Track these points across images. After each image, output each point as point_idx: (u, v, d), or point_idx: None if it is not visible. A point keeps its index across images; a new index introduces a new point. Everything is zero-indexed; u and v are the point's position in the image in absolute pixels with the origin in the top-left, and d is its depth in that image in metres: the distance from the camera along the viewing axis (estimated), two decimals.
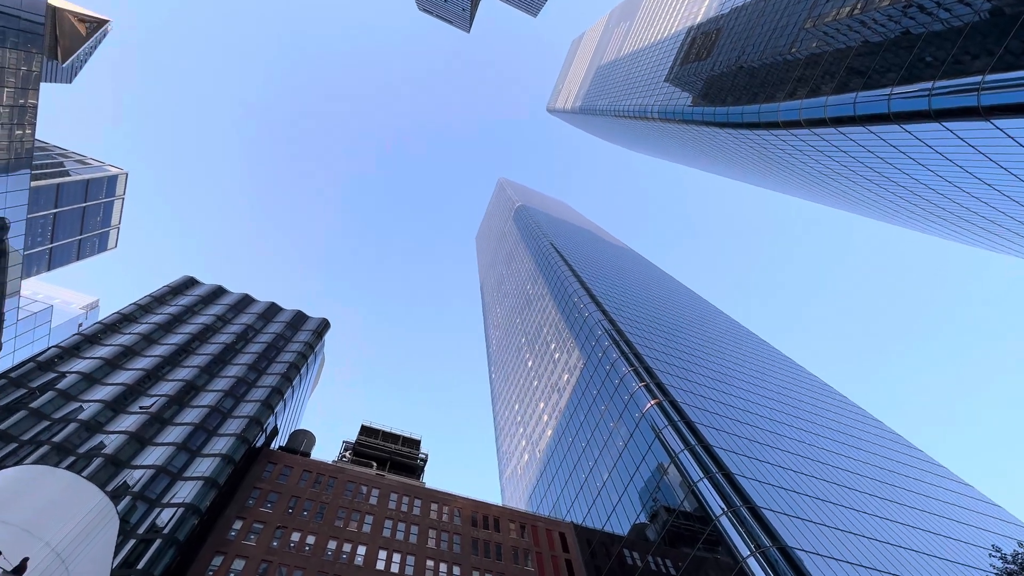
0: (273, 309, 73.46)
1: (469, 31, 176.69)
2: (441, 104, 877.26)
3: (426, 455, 71.20)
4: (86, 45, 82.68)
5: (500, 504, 58.73)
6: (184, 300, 66.44)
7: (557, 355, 78.96)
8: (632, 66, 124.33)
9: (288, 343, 66.75)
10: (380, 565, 43.90)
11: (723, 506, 35.75)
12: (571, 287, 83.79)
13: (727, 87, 69.47)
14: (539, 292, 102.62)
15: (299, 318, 73.27)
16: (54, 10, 76.56)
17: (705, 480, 38.49)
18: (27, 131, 50.76)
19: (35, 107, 50.58)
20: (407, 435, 73.14)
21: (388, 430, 72.43)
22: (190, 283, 71.72)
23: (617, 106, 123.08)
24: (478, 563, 47.30)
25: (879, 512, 43.79)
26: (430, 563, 45.78)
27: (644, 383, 52.47)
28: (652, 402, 49.15)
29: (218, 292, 72.42)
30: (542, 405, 78.44)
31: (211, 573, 37.97)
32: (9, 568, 18.80)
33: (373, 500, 50.47)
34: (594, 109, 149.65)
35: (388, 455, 68.52)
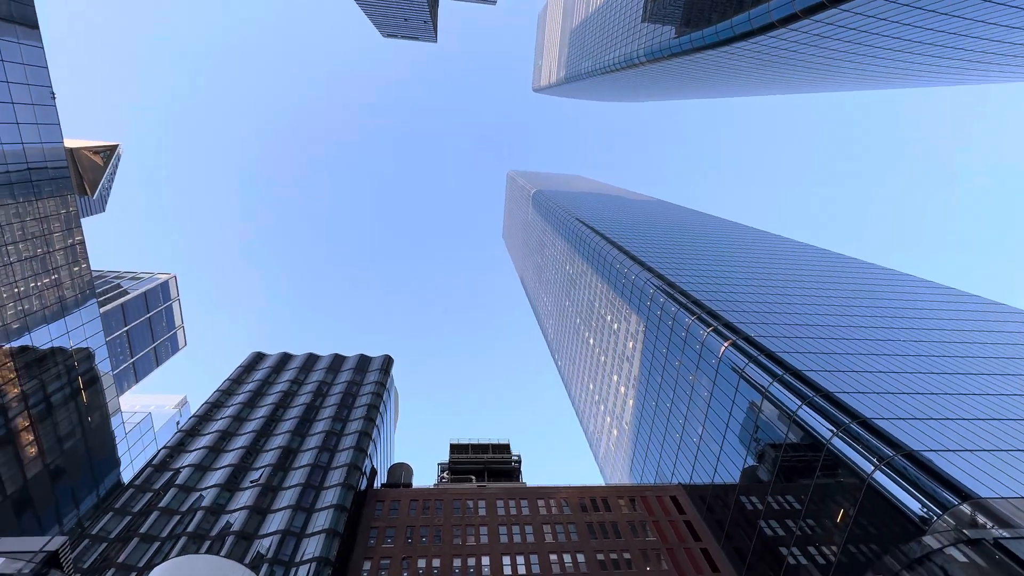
0: (338, 360, 76.54)
1: (436, 40, 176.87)
2: (429, 118, 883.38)
3: (519, 456, 72.22)
4: (106, 173, 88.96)
5: (603, 484, 58.72)
6: (258, 375, 70.39)
7: (616, 325, 77.99)
8: (605, 19, 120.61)
9: (360, 387, 69.39)
10: (507, 571, 44.94)
11: (831, 427, 34.20)
12: (609, 254, 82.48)
13: (708, 6, 66.11)
14: (579, 269, 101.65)
15: (363, 361, 75.97)
16: (70, 151, 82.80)
17: (804, 406, 36.96)
18: (83, 265, 55.29)
19: (82, 242, 54.97)
20: (495, 442, 74.45)
21: (476, 442, 74.01)
22: (258, 358, 75.86)
23: (602, 63, 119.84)
24: (599, 546, 47.54)
25: (992, 389, 40.58)
26: (553, 557, 46.44)
27: (712, 327, 50.95)
28: (725, 344, 47.67)
29: (284, 359, 76.22)
30: (615, 378, 77.74)
31: None
32: None
33: (482, 511, 51.72)
34: (580, 74, 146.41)
35: (482, 465, 70.04)
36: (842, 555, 32.08)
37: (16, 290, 46.86)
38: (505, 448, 74.42)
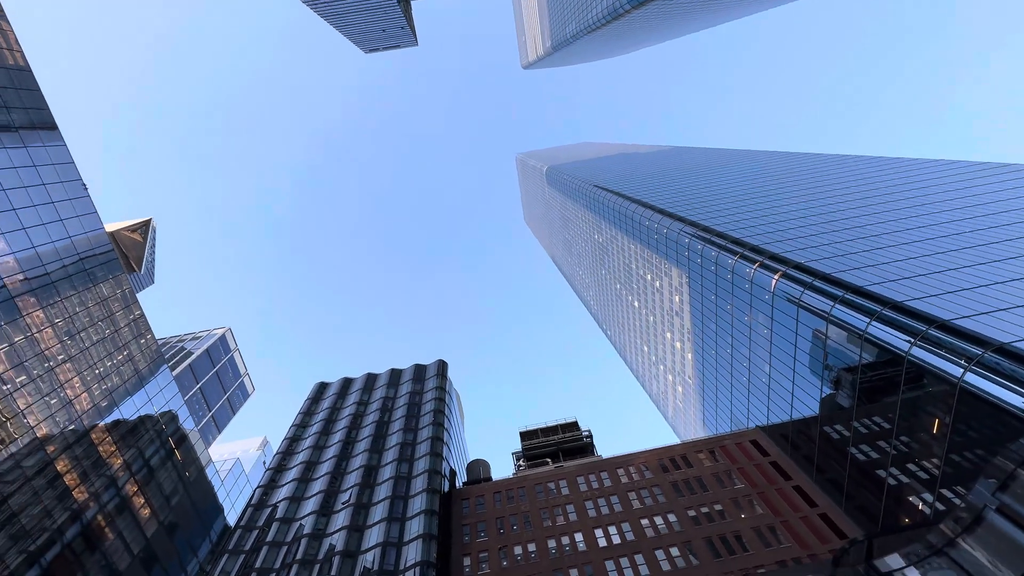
0: (395, 374, 78.80)
1: (417, 43, 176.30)
2: (427, 120, 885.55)
3: (589, 431, 72.50)
4: (147, 247, 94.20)
5: (679, 442, 58.23)
6: (325, 403, 73.47)
7: (657, 283, 76.51)
8: None
9: (422, 395, 71.28)
10: (603, 542, 45.46)
11: (907, 338, 32.45)
12: (635, 213, 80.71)
13: None
14: (608, 235, 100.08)
15: (419, 370, 77.88)
16: (111, 234, 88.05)
17: (873, 323, 35.21)
18: (148, 337, 58.98)
19: (142, 315, 58.58)
20: (562, 422, 74.98)
21: (544, 426, 74.77)
22: (322, 387, 79.10)
23: (587, 22, 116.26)
24: (688, 503, 47.28)
25: None
26: (644, 522, 46.57)
27: (757, 263, 49.17)
28: (776, 277, 45.92)
29: (346, 383, 79.12)
30: (669, 335, 76.49)
31: None
32: None
33: (564, 491, 52.37)
34: (566, 38, 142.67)
35: (555, 447, 70.75)
36: (946, 466, 30.61)
37: (97, 371, 50.60)
38: (573, 426, 74.84)
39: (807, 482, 46.04)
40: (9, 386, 40.89)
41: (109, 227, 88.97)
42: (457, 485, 60.82)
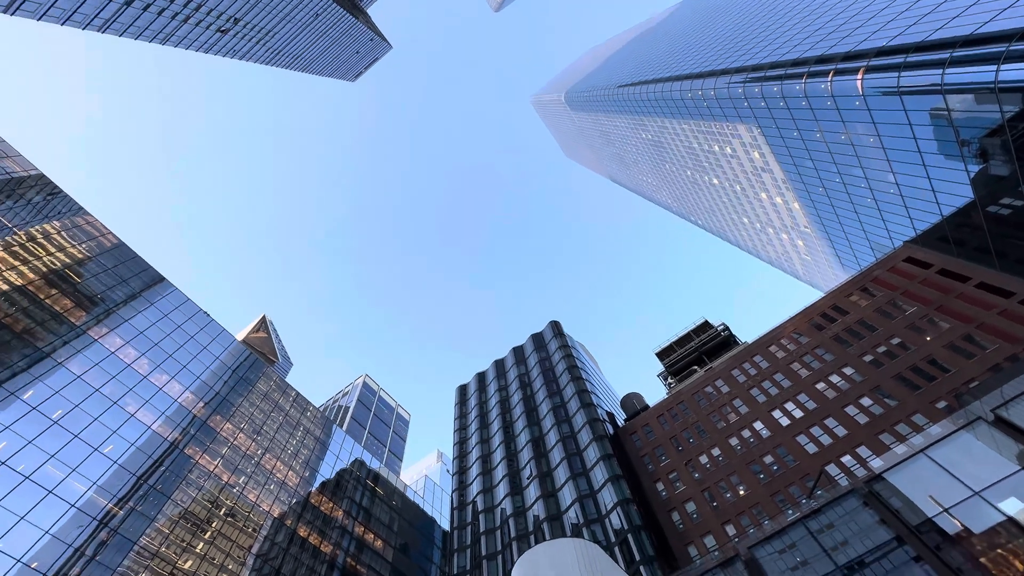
0: (518, 351, 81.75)
1: (392, 46, 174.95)
2: (432, 105, 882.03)
3: (724, 325, 69.79)
4: (273, 339, 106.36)
5: (824, 295, 53.81)
6: (472, 401, 78.61)
7: (729, 149, 70.11)
8: None
9: (550, 359, 73.31)
10: (785, 421, 43.96)
11: None
12: (672, 90, 74.09)
13: None
14: (655, 128, 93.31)
15: (537, 338, 79.98)
16: (243, 341, 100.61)
17: (1001, 66, 29.12)
18: (311, 409, 67.07)
19: (298, 394, 66.49)
20: (692, 327, 72.94)
21: (676, 338, 73.32)
22: (463, 389, 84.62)
23: None
24: (859, 349, 43.76)
25: None
26: (820, 386, 44.10)
27: (830, 72, 42.87)
28: (858, 76, 39.71)
29: (481, 377, 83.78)
30: (764, 195, 70.15)
31: (681, 526, 42.99)
32: None
33: (725, 389, 51.18)
34: None
35: (695, 352, 69.18)
36: None
37: (289, 451, 58.81)
38: (705, 327, 72.44)
39: (991, 274, 40.17)
40: (237, 488, 49.13)
41: (238, 336, 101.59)
42: (619, 424, 62.21)
